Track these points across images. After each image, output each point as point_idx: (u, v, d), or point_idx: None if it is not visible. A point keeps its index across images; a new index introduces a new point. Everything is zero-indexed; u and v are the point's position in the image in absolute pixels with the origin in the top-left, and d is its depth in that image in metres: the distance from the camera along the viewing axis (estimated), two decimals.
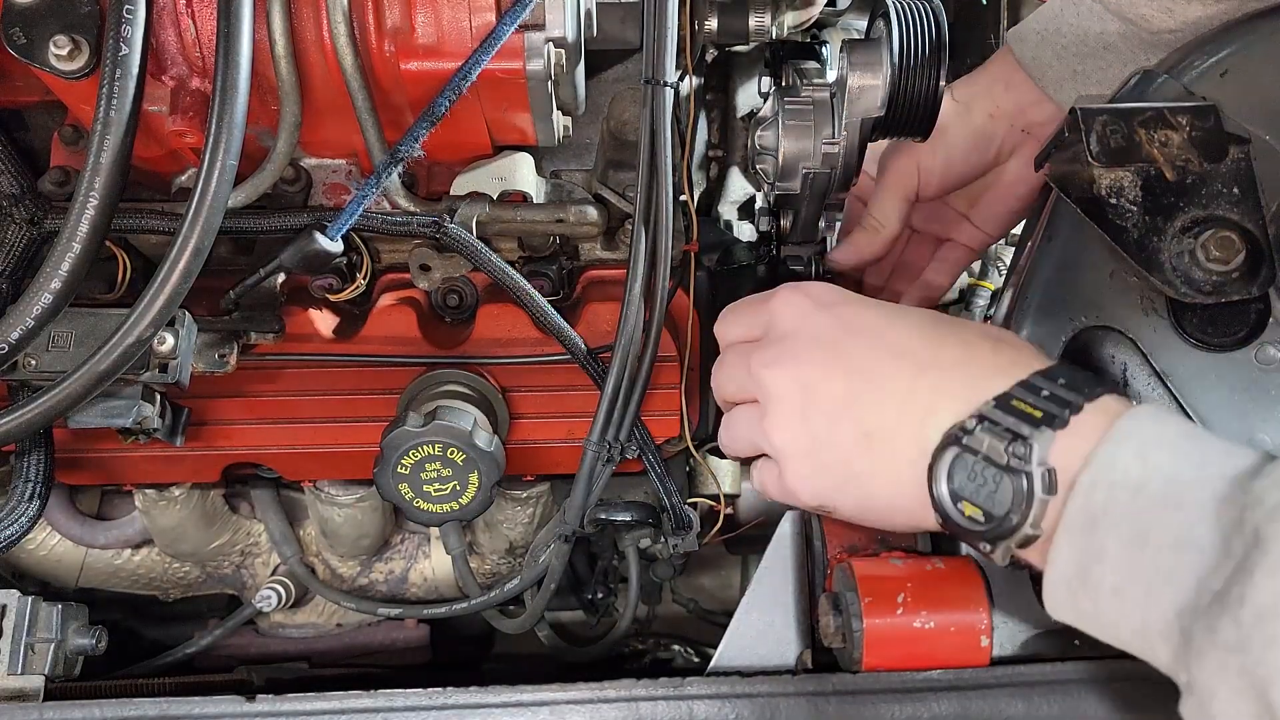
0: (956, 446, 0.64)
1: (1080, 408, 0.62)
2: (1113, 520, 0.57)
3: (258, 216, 0.87)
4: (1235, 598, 0.50)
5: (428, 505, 0.92)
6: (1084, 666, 0.75)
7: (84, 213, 0.68)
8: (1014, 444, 0.61)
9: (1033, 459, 0.60)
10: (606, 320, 0.97)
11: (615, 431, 0.88)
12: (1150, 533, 0.56)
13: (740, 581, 1.49)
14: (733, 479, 1.15)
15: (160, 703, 0.78)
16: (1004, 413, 0.63)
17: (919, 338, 0.71)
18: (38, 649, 0.87)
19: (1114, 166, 0.74)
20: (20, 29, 0.70)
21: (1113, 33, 0.89)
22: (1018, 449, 0.61)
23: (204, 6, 0.76)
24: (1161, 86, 0.80)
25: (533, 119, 0.86)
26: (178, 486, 1.04)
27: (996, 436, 0.62)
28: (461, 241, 0.89)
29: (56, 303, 0.70)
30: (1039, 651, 0.76)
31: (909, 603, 0.74)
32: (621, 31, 0.91)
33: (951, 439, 0.64)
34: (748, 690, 0.76)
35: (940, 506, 0.65)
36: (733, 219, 1.19)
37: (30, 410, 0.72)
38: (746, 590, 0.83)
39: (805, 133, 0.91)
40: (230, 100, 0.70)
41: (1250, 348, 0.77)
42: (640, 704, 0.76)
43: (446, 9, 0.78)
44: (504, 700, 0.77)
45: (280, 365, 0.96)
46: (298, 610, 1.20)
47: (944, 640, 0.74)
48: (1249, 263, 0.72)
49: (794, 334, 0.74)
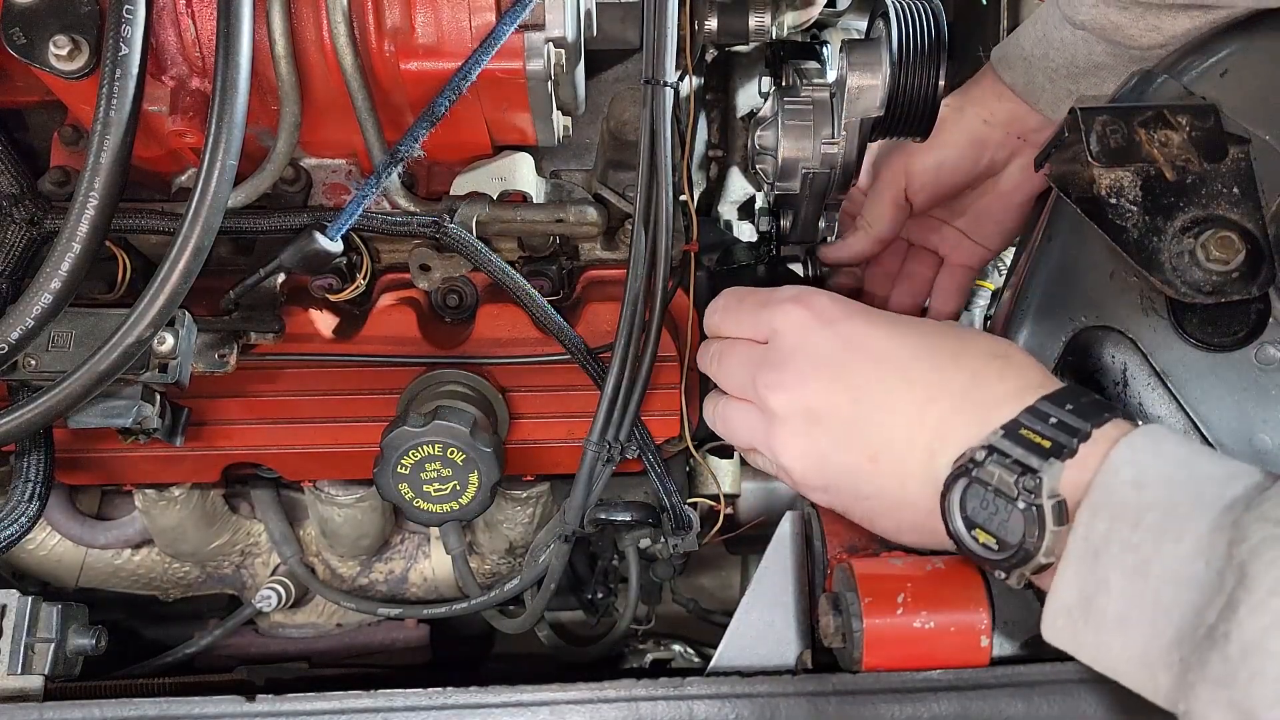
0: (966, 478, 0.64)
1: (1088, 435, 0.62)
2: (1115, 552, 0.58)
3: (258, 216, 0.87)
4: (1222, 633, 0.51)
5: (427, 505, 0.92)
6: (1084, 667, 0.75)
7: (84, 213, 0.68)
8: (1024, 477, 0.61)
9: (1043, 491, 0.61)
10: (606, 320, 0.97)
11: (615, 431, 0.88)
12: (1151, 565, 0.56)
13: (740, 581, 1.49)
14: (733, 479, 1.15)
15: (160, 703, 0.78)
16: (1013, 443, 0.63)
17: (926, 361, 0.71)
18: (37, 649, 0.87)
19: (1114, 166, 0.74)
20: (20, 29, 0.70)
21: (1101, 53, 0.89)
22: (1027, 482, 0.61)
23: (204, 6, 0.76)
24: (1161, 87, 0.80)
25: (533, 119, 0.86)
26: (178, 486, 1.04)
27: (1006, 469, 0.62)
28: (461, 241, 0.89)
29: (56, 303, 0.70)
30: (1039, 651, 0.76)
31: (909, 603, 0.74)
32: (621, 31, 0.91)
33: (961, 470, 0.65)
34: (748, 690, 0.76)
35: (956, 537, 0.65)
36: (733, 219, 1.19)
37: (30, 410, 0.72)
38: (746, 590, 0.83)
39: (805, 133, 0.91)
40: (230, 100, 0.70)
41: (1250, 348, 0.77)
42: (640, 704, 0.76)
43: (446, 9, 0.78)
44: (504, 700, 0.77)
45: (280, 365, 0.96)
46: (298, 610, 1.20)
47: (944, 640, 0.74)
48: (1249, 262, 0.72)
49: (797, 352, 0.74)
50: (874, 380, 0.71)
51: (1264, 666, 0.49)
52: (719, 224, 1.18)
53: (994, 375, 0.69)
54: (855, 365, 0.72)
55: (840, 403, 0.71)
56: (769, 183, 0.95)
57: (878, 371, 0.71)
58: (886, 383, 0.71)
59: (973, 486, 0.64)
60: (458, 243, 0.89)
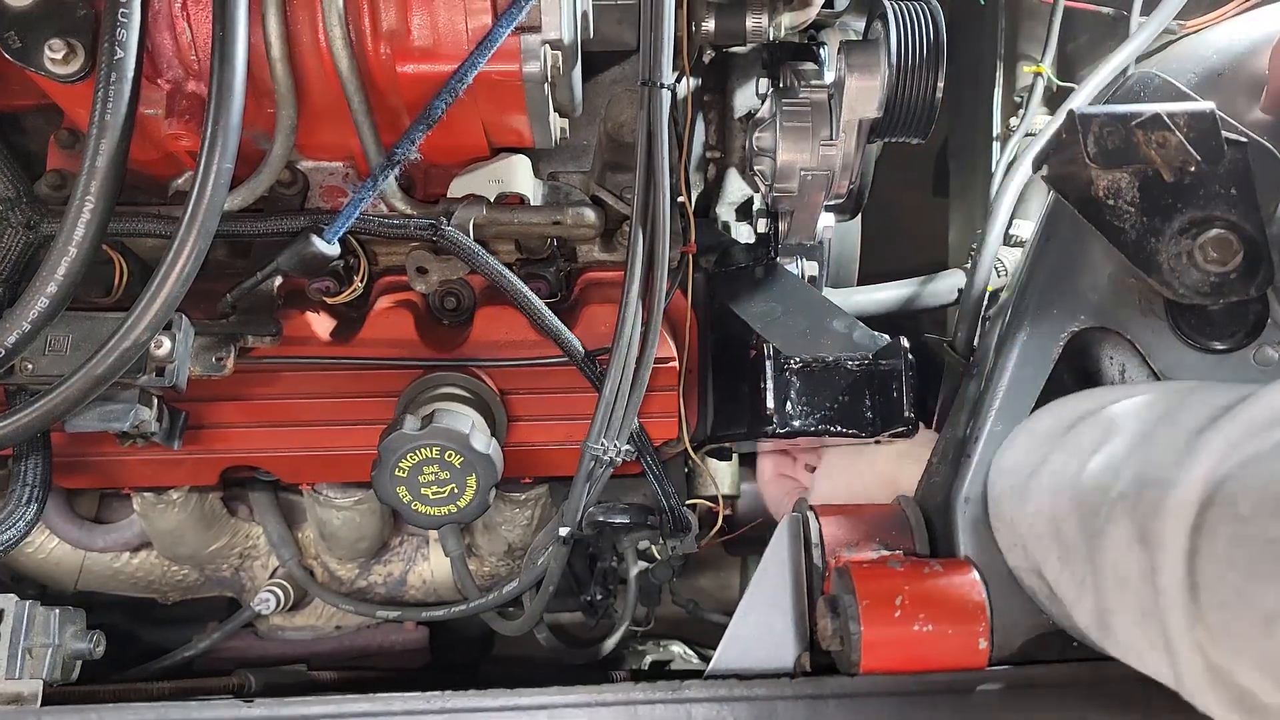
0: None
1: None
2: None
3: (254, 219, 0.87)
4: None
5: (426, 508, 0.92)
6: (1082, 668, 0.75)
7: (80, 216, 0.68)
8: None
9: None
10: (604, 322, 0.97)
11: (613, 434, 0.88)
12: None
13: (739, 582, 1.49)
14: (731, 481, 1.14)
15: (157, 707, 0.78)
16: None
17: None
18: (35, 653, 0.87)
19: (1111, 168, 0.74)
20: (15, 33, 0.70)
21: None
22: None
23: (199, 10, 0.76)
24: (1159, 89, 0.80)
25: (530, 121, 0.86)
26: (176, 490, 1.04)
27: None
28: (459, 244, 0.89)
29: (53, 307, 0.69)
30: (1037, 653, 0.76)
31: (907, 605, 0.74)
32: (619, 33, 0.91)
33: None
34: (746, 693, 0.76)
35: None
36: (730, 220, 1.18)
37: (28, 414, 0.72)
38: (744, 592, 0.83)
39: (803, 134, 0.91)
40: (226, 103, 0.70)
41: (1248, 349, 0.77)
42: (639, 707, 0.76)
43: (442, 11, 0.78)
44: (502, 704, 0.77)
45: (277, 368, 0.96)
46: (296, 613, 1.20)
47: (942, 643, 0.74)
48: (1247, 264, 0.72)
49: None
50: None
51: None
52: (717, 225, 1.17)
53: None
54: None
55: None
56: (767, 184, 0.95)
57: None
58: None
59: None
60: (455, 245, 0.89)
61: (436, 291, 0.99)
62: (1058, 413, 0.76)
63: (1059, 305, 0.81)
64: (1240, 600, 0.50)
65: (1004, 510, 0.75)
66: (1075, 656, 0.76)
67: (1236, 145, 0.74)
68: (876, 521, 0.83)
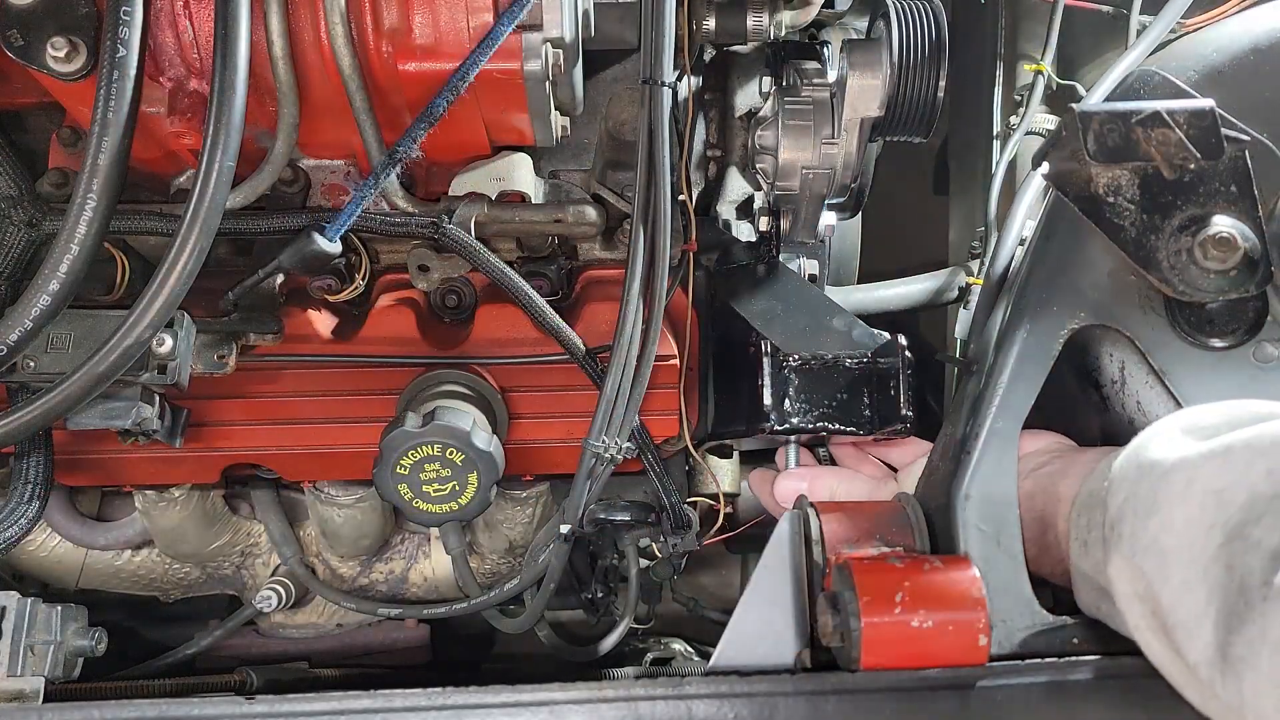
0: None
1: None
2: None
3: (256, 217, 0.87)
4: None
5: (427, 505, 0.92)
6: (1083, 665, 0.75)
7: (82, 214, 0.68)
8: None
9: None
10: (605, 320, 0.97)
11: (614, 431, 0.88)
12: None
13: (740, 580, 1.49)
14: (732, 478, 1.15)
15: (159, 704, 0.78)
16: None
17: None
18: (37, 650, 0.87)
19: (1111, 165, 0.74)
20: (18, 31, 0.70)
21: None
22: None
23: (201, 8, 0.76)
24: (1159, 86, 0.80)
25: (531, 119, 0.86)
26: (177, 487, 1.04)
27: None
28: (460, 242, 0.89)
29: (55, 304, 0.70)
30: (1037, 650, 0.76)
31: (907, 601, 0.74)
32: (620, 31, 0.91)
33: None
34: (746, 690, 0.76)
35: None
36: (731, 219, 1.18)
37: (29, 412, 0.72)
38: (745, 589, 0.83)
39: (805, 133, 0.91)
40: (228, 101, 0.70)
41: (1248, 346, 0.77)
42: (639, 704, 0.76)
43: (444, 10, 0.78)
44: (503, 700, 0.77)
45: (279, 366, 0.96)
46: (298, 611, 1.20)
47: (942, 639, 0.74)
48: (1246, 261, 0.72)
49: None
50: None
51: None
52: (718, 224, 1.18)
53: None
54: None
55: None
56: (769, 182, 0.95)
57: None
58: None
59: None
60: (456, 243, 0.89)
61: (438, 289, 0.99)
62: (1228, 414, 0.66)
63: (1059, 302, 0.81)
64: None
65: (1126, 506, 0.66)
66: (1076, 653, 0.76)
67: (1236, 142, 0.74)
68: (877, 518, 0.84)
